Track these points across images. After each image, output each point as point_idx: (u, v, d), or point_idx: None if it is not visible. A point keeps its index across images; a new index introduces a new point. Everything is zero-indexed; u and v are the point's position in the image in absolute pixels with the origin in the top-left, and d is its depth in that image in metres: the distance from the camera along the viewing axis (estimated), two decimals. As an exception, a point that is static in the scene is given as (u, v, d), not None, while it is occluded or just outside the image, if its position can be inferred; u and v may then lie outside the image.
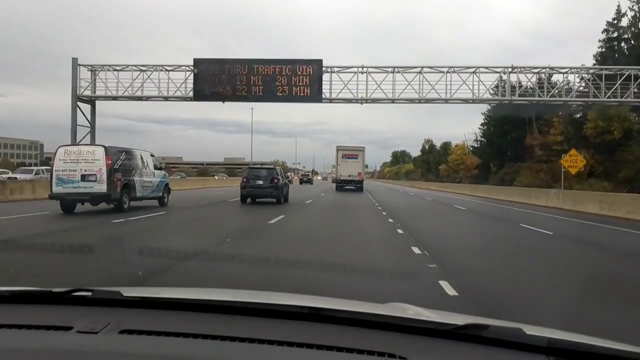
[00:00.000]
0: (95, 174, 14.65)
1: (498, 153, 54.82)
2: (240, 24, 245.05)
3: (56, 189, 14.64)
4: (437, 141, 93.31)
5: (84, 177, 14.63)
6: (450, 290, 5.41)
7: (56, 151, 15.25)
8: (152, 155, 18.40)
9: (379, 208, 20.10)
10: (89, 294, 1.44)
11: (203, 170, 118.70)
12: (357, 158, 39.05)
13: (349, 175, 38.38)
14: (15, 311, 1.43)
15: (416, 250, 8.58)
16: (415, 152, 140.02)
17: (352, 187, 38.08)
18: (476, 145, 63.03)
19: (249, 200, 20.65)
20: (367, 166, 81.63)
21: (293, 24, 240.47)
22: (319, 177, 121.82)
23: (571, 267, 8.07)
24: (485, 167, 55.16)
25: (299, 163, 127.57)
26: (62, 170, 14.69)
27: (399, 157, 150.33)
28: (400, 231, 11.82)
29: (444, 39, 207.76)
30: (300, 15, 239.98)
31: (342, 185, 38.52)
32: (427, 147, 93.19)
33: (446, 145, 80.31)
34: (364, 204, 23.16)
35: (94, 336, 1.20)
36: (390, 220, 14.82)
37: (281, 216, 14.85)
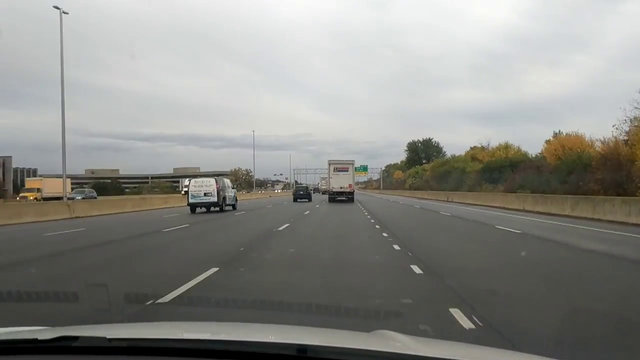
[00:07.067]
0: (211, 192, 26.80)
1: None
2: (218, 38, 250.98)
3: (191, 200, 26.85)
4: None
5: (205, 194, 26.81)
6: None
7: (189, 181, 27.61)
8: (230, 180, 30.89)
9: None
10: (75, 341, 1.46)
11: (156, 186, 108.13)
12: (347, 171, 41.98)
13: (341, 187, 40.96)
14: None
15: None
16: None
17: (344, 198, 40.72)
18: None
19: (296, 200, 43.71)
20: (365, 168, 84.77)
21: (269, 37, 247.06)
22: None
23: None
24: None
25: (280, 174, 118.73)
26: (193, 190, 26.89)
27: (420, 152, 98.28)
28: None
29: (423, 46, 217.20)
30: (277, 29, 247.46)
31: (334, 196, 40.94)
32: None
33: None
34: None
35: None
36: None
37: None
